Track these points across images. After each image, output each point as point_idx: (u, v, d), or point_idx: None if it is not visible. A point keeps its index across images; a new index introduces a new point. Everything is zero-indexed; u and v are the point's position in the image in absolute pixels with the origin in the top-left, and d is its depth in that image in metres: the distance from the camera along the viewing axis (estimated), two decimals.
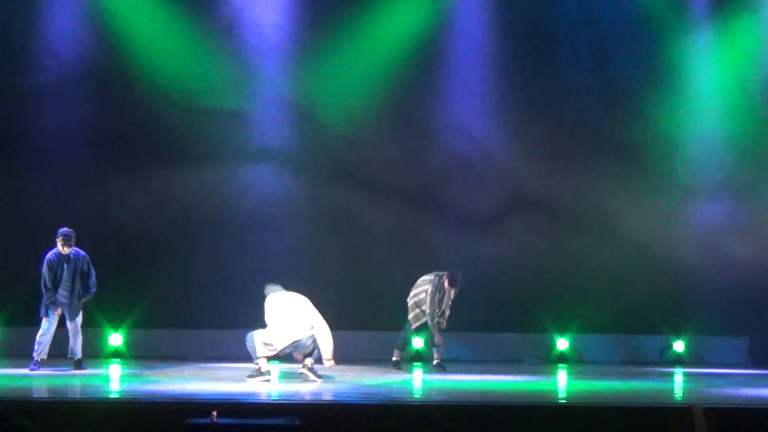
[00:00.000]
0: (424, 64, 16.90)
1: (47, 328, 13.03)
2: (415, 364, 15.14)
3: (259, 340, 11.93)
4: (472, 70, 16.96)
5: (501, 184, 16.96)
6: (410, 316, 14.19)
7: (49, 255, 13.14)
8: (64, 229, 13.14)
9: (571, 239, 16.88)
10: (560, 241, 16.91)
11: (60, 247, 13.09)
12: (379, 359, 15.01)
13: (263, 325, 12.05)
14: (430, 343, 14.36)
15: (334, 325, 12.24)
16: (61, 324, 13.26)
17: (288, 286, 12.56)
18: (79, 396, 10.36)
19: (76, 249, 13.23)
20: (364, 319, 15.77)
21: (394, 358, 14.32)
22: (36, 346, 12.98)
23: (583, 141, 17.05)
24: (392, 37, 16.80)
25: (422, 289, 14.09)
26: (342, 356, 12.22)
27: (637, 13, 17.01)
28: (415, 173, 16.84)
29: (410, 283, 14.39)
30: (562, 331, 16.51)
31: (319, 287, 13.44)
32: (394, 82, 16.65)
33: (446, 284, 13.98)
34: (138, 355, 15.49)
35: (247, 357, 12.02)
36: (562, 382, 13.43)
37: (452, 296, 14.09)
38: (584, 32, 17.02)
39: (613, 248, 16.78)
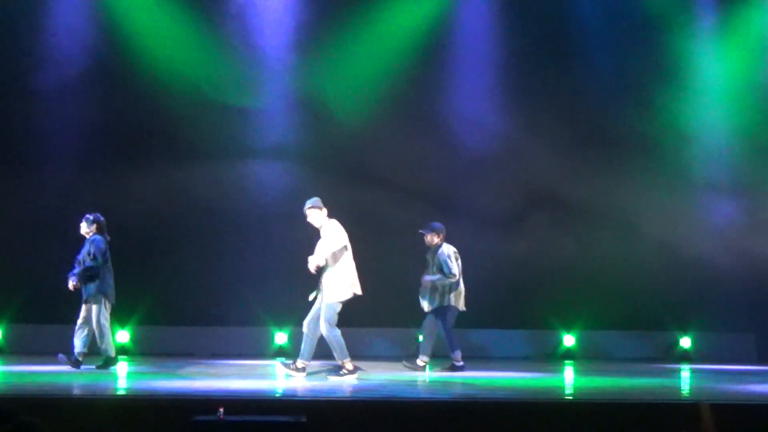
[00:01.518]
0: (438, 59, 16.87)
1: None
2: None
3: (341, 341, 11.97)
4: (485, 65, 16.93)
5: (515, 181, 16.90)
6: (434, 306, 13.55)
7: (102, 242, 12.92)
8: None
9: (581, 235, 16.85)
10: (569, 237, 16.88)
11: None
12: (389, 356, 15.03)
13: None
14: (428, 338, 13.83)
15: (348, 322, 12.22)
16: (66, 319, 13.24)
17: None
18: (85, 393, 10.37)
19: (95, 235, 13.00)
20: (377, 316, 15.70)
21: (457, 363, 13.48)
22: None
23: (596, 136, 16.99)
24: (405, 31, 16.77)
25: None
26: (352, 353, 12.20)
27: (647, 6, 17.00)
28: (432, 170, 16.77)
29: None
30: (568, 328, 16.51)
31: None
32: (409, 77, 16.60)
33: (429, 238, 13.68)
34: (144, 351, 15.52)
35: (255, 354, 11.94)
36: (568, 379, 13.42)
37: (433, 247, 13.56)
38: (595, 26, 16.98)
39: (621, 244, 16.76)
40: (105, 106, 16.19)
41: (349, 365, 11.98)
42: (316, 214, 12.16)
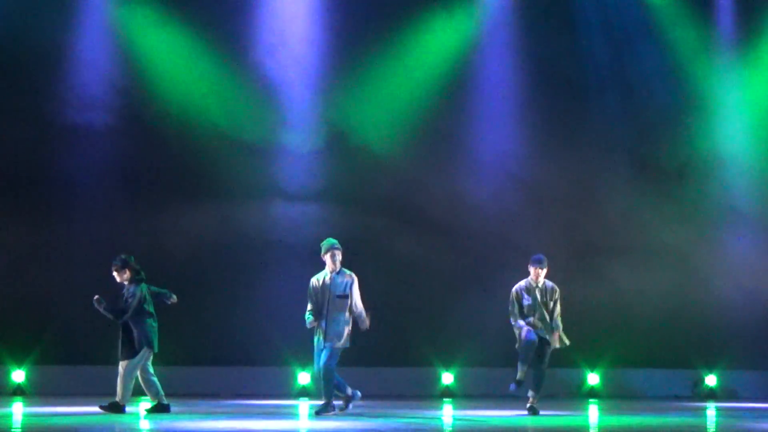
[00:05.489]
0: (472, 95, 17.01)
1: None
2: (445, 400, 15.06)
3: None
4: (519, 101, 17.06)
5: (546, 218, 16.88)
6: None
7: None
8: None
9: (603, 274, 16.77)
10: (590, 274, 16.80)
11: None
12: (410, 395, 14.96)
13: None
14: None
15: (395, 362, 12.19)
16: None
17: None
18: None
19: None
20: (407, 356, 15.65)
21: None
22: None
23: (618, 169, 17.01)
24: (440, 66, 16.95)
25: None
26: (379, 392, 12.22)
27: (666, 40, 17.09)
28: (478, 209, 16.73)
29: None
30: (592, 366, 16.41)
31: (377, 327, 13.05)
32: (451, 114, 16.76)
33: None
34: (168, 392, 15.49)
35: (278, 394, 11.86)
36: (593, 418, 13.34)
37: (539, 281, 13.09)
38: (613, 65, 17.08)
39: (645, 281, 16.67)
40: (139, 147, 16.36)
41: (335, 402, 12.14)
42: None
